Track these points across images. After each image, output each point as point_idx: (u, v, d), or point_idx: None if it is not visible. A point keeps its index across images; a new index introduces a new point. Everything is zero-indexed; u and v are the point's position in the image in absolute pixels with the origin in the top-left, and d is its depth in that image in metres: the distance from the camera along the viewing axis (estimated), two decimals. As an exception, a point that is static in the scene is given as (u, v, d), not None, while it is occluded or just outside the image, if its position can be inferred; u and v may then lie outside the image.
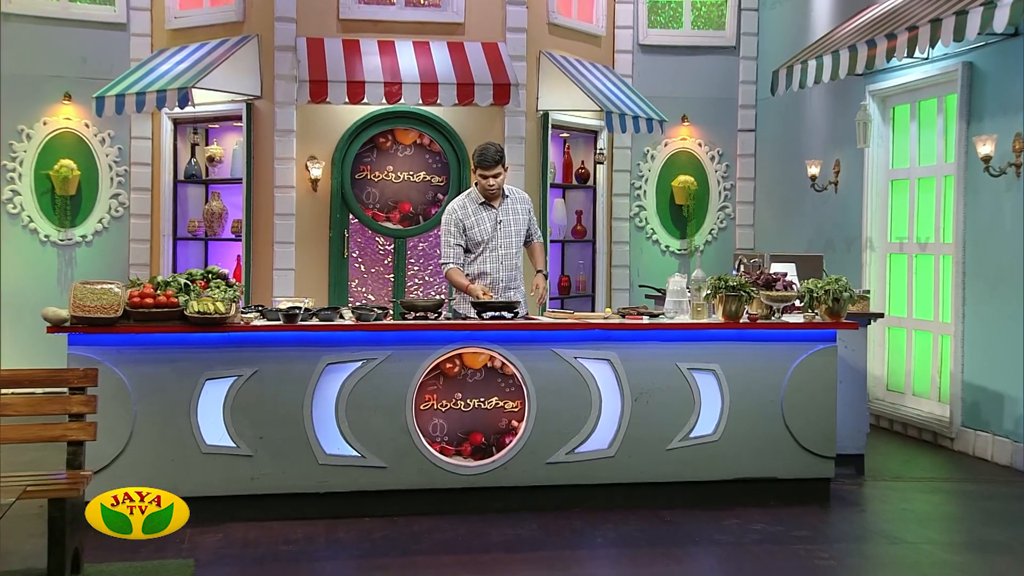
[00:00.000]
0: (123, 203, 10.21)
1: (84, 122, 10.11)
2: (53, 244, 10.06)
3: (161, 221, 10.10)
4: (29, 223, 9.98)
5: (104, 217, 10.19)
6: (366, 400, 5.90)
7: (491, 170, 6.64)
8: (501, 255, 6.73)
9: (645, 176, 11.13)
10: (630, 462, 6.16)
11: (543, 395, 6.08)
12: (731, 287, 6.12)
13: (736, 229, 11.29)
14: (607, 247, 10.88)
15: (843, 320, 6.34)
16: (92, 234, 10.17)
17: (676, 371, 6.20)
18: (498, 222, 6.73)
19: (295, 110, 9.46)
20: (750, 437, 6.28)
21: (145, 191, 10.20)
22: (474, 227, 6.74)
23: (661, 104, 10.52)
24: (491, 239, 6.71)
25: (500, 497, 6.06)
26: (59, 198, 10.01)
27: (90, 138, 10.15)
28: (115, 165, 10.20)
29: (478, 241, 6.71)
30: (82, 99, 9.94)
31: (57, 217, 10.03)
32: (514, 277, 6.80)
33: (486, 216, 6.75)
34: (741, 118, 11.29)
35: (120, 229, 10.22)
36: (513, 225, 6.77)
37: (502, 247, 6.72)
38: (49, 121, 10.06)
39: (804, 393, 6.33)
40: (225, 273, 5.86)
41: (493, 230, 6.71)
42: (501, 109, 9.65)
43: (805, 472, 6.38)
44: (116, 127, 10.13)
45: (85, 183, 10.12)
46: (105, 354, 5.56)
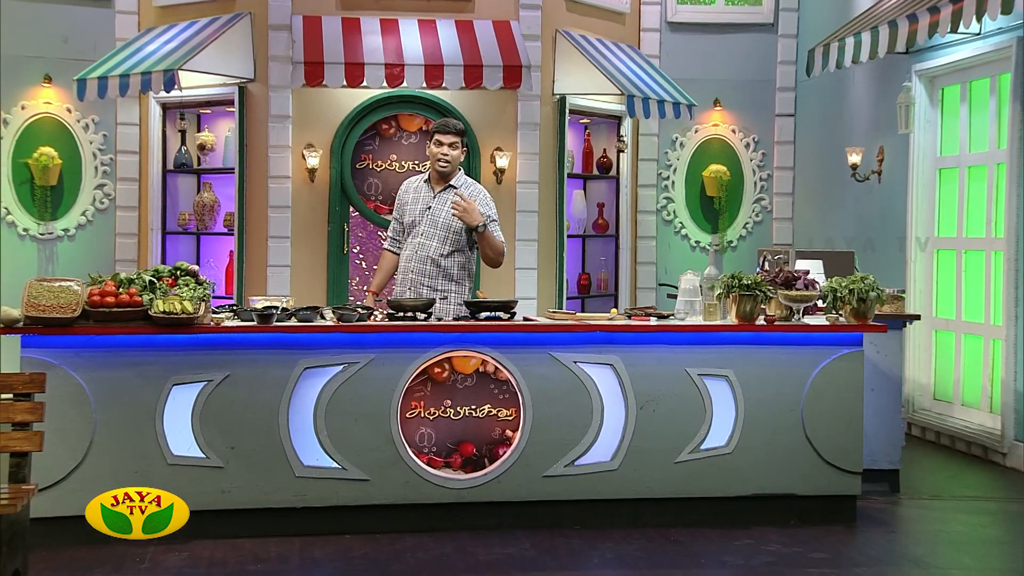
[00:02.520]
0: (108, 194, 10.29)
1: (66, 107, 10.19)
2: (33, 238, 10.16)
3: (149, 214, 10.16)
4: (7, 215, 10.06)
5: (88, 209, 10.28)
6: (347, 407, 5.91)
7: (446, 136, 6.60)
8: (419, 245, 6.59)
9: (673, 165, 11.08)
10: (634, 476, 6.13)
11: (540, 402, 6.07)
12: (745, 286, 6.08)
13: (773, 223, 11.22)
14: (631, 242, 10.84)
15: (870, 322, 6.28)
16: (75, 227, 10.25)
17: (685, 377, 6.16)
18: (427, 208, 6.65)
19: (291, 94, 9.50)
20: (767, 449, 6.23)
21: (132, 181, 10.27)
22: (407, 204, 6.70)
23: (691, 87, 10.45)
24: (416, 224, 6.63)
25: (492, 513, 6.06)
26: (39, 189, 10.10)
27: (72, 124, 10.23)
28: (100, 153, 10.28)
29: (405, 222, 6.69)
30: (63, 82, 10.00)
31: (37, 209, 10.12)
32: (434, 276, 6.58)
33: (422, 197, 6.67)
34: (779, 102, 11.21)
35: (105, 222, 10.30)
36: (442, 217, 6.58)
37: (423, 236, 6.58)
38: (28, 105, 10.15)
39: (827, 402, 6.28)
40: (195, 270, 5.89)
41: (421, 214, 6.64)
42: (513, 93, 9.64)
43: (828, 488, 6.32)
44: (101, 112, 10.21)
45: (67, 172, 10.20)
46: (62, 357, 5.60)
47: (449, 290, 6.63)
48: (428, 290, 6.56)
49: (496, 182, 9.64)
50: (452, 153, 6.60)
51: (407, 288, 6.61)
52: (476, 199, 6.59)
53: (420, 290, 6.56)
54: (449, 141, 6.59)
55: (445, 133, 6.59)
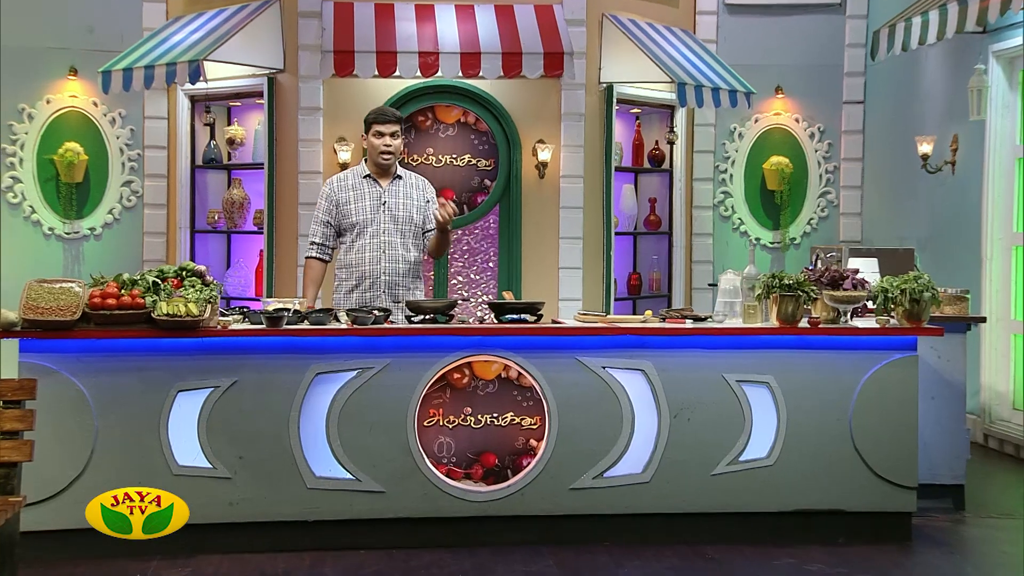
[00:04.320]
0: (136, 191, 10.44)
1: (92, 100, 10.36)
2: (58, 238, 10.33)
3: (178, 212, 10.28)
4: (31, 214, 10.25)
5: (115, 207, 10.43)
6: (362, 415, 5.92)
7: (385, 125, 6.59)
8: (383, 243, 6.58)
9: (731, 157, 10.98)
10: (668, 489, 6.08)
11: (566, 410, 6.04)
12: (786, 286, 6.00)
13: (840, 218, 11.07)
14: (686, 240, 10.76)
15: (925, 325, 6.17)
16: (101, 226, 10.41)
17: (723, 383, 6.10)
18: (382, 203, 6.62)
19: (321, 85, 9.57)
20: (812, 462, 6.15)
21: (161, 178, 10.40)
22: (349, 203, 6.63)
23: (751, 73, 10.35)
24: (370, 223, 6.60)
25: (515, 528, 6.04)
26: (64, 186, 10.27)
27: (99, 118, 10.39)
28: (127, 148, 10.43)
29: (353, 222, 6.61)
30: (89, 74, 10.15)
31: (62, 207, 10.29)
32: (406, 275, 6.61)
33: (368, 192, 6.64)
34: (847, 88, 11.07)
35: (133, 221, 10.45)
36: (402, 210, 6.59)
37: (384, 234, 6.57)
38: (53, 99, 10.33)
39: (878, 410, 6.17)
40: (202, 270, 5.94)
41: (374, 211, 6.61)
42: (556, 82, 9.62)
43: (879, 504, 6.22)
44: (128, 106, 10.36)
45: (93, 169, 10.36)
46: (62, 362, 5.68)
47: (419, 288, 6.67)
48: (406, 291, 6.60)
49: (539, 176, 9.63)
50: (395, 143, 6.62)
51: (381, 292, 6.61)
52: (427, 190, 6.79)
53: (398, 292, 6.60)
54: (390, 131, 6.61)
55: (384, 123, 6.61)
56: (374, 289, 6.61)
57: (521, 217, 9.68)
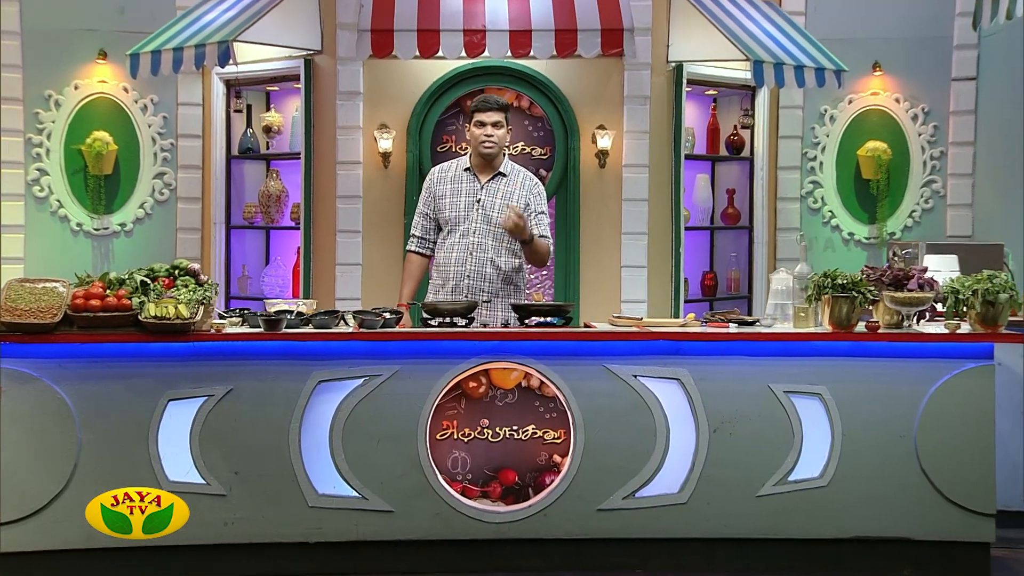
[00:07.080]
0: (169, 184, 10.58)
1: (122, 86, 10.52)
2: (87, 234, 10.50)
3: (212, 206, 10.42)
4: (59, 208, 10.44)
5: (147, 201, 10.58)
6: (368, 427, 5.96)
7: (488, 114, 6.58)
8: (471, 244, 6.62)
9: (821, 143, 10.79)
10: (707, 511, 6.04)
11: (593, 423, 6.02)
12: (840, 286, 5.90)
13: (947, 211, 10.81)
14: (768, 236, 10.60)
15: (1003, 331, 6.01)
16: (132, 222, 10.57)
17: (769, 395, 6.03)
18: (476, 201, 6.63)
19: (361, 68, 9.62)
20: (871, 483, 6.05)
21: (195, 169, 10.53)
22: (445, 196, 6.68)
23: (845, 48, 10.16)
24: (461, 221, 6.61)
25: (536, 552, 6.05)
26: (92, 178, 10.44)
27: (129, 105, 10.54)
28: (159, 138, 10.57)
29: (447, 217, 6.64)
30: (119, 58, 10.27)
31: (91, 201, 10.46)
32: (494, 281, 6.63)
33: (465, 188, 6.65)
34: (956, 63, 10.79)
35: (166, 215, 10.58)
36: (498, 211, 6.62)
37: (475, 235, 6.61)
38: (81, 85, 10.51)
39: (948, 426, 6.06)
40: (195, 269, 6.02)
41: (468, 208, 6.61)
42: (618, 61, 9.55)
43: (951, 533, 6.10)
44: (160, 91, 10.50)
45: (124, 160, 10.52)
46: (42, 368, 5.79)
47: (509, 295, 6.65)
48: (489, 296, 6.58)
49: (599, 165, 9.58)
50: (497, 133, 6.61)
51: (463, 296, 6.63)
52: (532, 192, 6.66)
53: (480, 297, 6.59)
54: (492, 120, 6.60)
55: (487, 111, 6.61)
56: (456, 292, 6.66)
57: (579, 210, 9.63)
